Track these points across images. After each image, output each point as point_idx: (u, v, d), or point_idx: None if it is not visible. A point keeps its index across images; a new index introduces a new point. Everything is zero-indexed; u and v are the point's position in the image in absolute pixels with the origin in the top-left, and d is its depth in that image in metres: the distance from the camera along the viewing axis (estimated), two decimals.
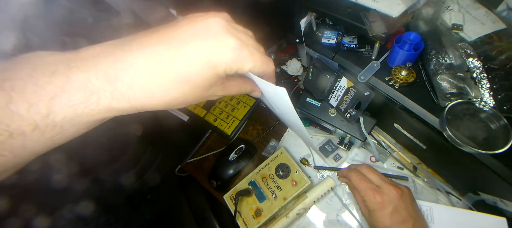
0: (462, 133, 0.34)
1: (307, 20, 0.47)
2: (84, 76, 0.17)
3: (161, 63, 0.19)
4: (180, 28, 0.20)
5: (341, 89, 0.44)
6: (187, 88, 0.20)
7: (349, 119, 0.45)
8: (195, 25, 0.20)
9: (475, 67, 0.37)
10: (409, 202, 0.37)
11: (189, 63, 0.19)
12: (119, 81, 0.18)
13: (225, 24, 0.21)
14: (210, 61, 0.19)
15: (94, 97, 0.17)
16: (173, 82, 0.19)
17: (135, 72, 0.18)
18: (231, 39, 0.20)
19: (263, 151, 0.59)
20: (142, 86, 0.18)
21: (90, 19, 0.78)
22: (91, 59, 0.18)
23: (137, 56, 0.18)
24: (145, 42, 0.19)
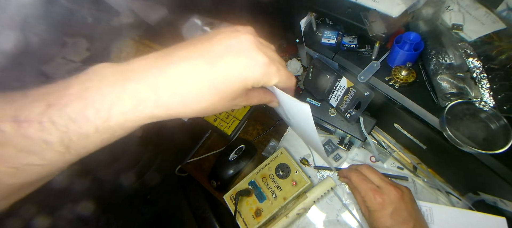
0: (462, 133, 0.34)
1: (307, 20, 0.47)
2: (135, 86, 0.20)
3: (198, 76, 0.21)
4: (215, 43, 0.22)
5: (341, 89, 0.44)
6: (217, 99, 0.22)
7: (349, 119, 0.45)
8: (229, 41, 0.22)
9: (475, 67, 0.37)
10: (409, 202, 0.37)
11: (223, 77, 0.21)
12: (161, 91, 0.20)
13: (255, 41, 0.23)
14: (241, 75, 0.22)
15: (141, 106, 0.20)
16: (207, 93, 0.21)
17: (175, 83, 0.20)
18: (261, 56, 0.22)
19: (263, 151, 0.59)
20: (180, 96, 0.21)
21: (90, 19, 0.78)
22: (140, 71, 0.20)
23: (177, 69, 0.20)
24: (185, 56, 0.21)
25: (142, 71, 0.20)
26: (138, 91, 0.20)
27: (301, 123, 0.31)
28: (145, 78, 0.20)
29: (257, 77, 0.22)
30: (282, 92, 0.25)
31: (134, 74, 0.20)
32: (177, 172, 0.63)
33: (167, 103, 0.20)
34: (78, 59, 0.74)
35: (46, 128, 0.17)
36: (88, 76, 0.20)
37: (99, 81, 0.19)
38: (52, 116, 0.18)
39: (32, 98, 0.18)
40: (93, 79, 0.19)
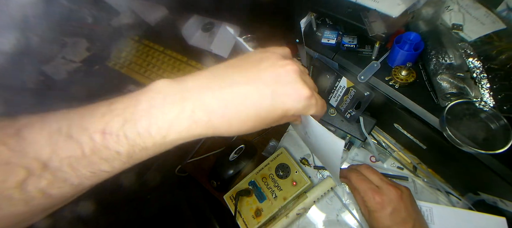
0: (462, 133, 0.34)
1: (307, 20, 0.47)
2: (192, 107, 0.21)
3: (247, 102, 0.22)
4: (264, 71, 0.23)
5: (341, 89, 0.44)
6: (258, 123, 0.23)
7: (349, 119, 0.45)
8: (277, 71, 0.23)
9: (475, 67, 0.37)
10: (409, 202, 0.37)
11: (268, 105, 0.23)
12: (213, 114, 0.21)
13: (300, 73, 0.24)
14: (285, 105, 0.23)
15: (194, 126, 0.21)
16: (251, 118, 0.23)
17: (225, 107, 0.22)
18: (305, 89, 0.23)
19: (263, 151, 0.59)
20: (227, 118, 0.22)
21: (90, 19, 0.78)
22: (196, 91, 0.22)
23: (229, 94, 0.22)
24: (236, 81, 0.23)
25: (197, 92, 0.22)
26: (194, 112, 0.21)
27: (328, 152, 0.32)
28: (200, 99, 0.21)
29: (299, 109, 0.24)
30: (317, 122, 0.27)
31: (191, 94, 0.21)
32: (177, 172, 0.63)
33: (215, 125, 0.22)
34: (78, 59, 0.74)
35: (121, 140, 0.20)
36: (153, 94, 0.21)
37: (163, 100, 0.21)
38: (126, 131, 0.20)
39: (114, 113, 0.20)
40: (157, 97, 0.21)
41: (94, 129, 0.19)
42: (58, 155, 0.19)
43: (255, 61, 0.24)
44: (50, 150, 0.19)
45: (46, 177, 0.19)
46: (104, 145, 0.20)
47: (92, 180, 0.21)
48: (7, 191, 0.18)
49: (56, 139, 0.19)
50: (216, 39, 0.66)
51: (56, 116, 0.20)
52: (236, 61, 0.25)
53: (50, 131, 0.19)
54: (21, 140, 0.19)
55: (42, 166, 0.18)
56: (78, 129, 0.19)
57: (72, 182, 0.20)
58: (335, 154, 0.29)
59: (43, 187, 0.19)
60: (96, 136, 0.19)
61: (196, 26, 0.71)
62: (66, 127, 0.19)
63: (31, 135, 0.19)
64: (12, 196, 0.18)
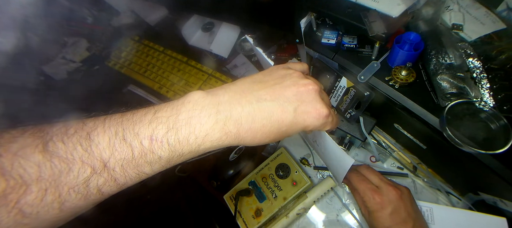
0: (462, 133, 0.34)
1: (307, 20, 0.47)
2: (224, 120, 0.23)
3: (271, 117, 0.24)
4: (287, 89, 0.25)
5: (341, 89, 0.44)
6: (279, 136, 0.25)
7: (349, 119, 0.45)
8: (300, 89, 0.25)
9: (475, 67, 0.37)
10: (408, 202, 0.37)
11: (290, 120, 0.25)
12: (241, 127, 0.24)
13: (320, 92, 0.26)
14: (305, 122, 0.25)
15: (225, 137, 0.23)
16: (274, 131, 0.25)
17: (252, 121, 0.24)
18: (324, 109, 0.25)
19: (263, 151, 0.59)
20: (253, 131, 0.24)
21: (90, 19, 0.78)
22: (228, 105, 0.24)
23: (256, 109, 0.24)
24: (262, 97, 0.25)
25: (229, 105, 0.24)
26: (226, 124, 0.23)
27: (336, 165, 0.35)
28: (231, 113, 0.23)
29: (317, 126, 0.26)
30: (329, 138, 0.29)
31: (224, 108, 0.23)
32: (177, 172, 0.63)
33: (241, 136, 0.24)
34: (78, 59, 0.74)
35: (164, 146, 0.22)
36: (192, 106, 0.23)
37: (200, 111, 0.23)
38: (169, 138, 0.22)
39: (159, 120, 0.22)
40: (196, 108, 0.23)
41: (144, 135, 0.21)
42: (115, 156, 0.21)
43: (278, 78, 0.27)
44: (109, 152, 0.21)
45: (104, 175, 0.21)
46: (150, 150, 0.22)
47: (134, 181, 0.23)
48: (77, 186, 0.20)
49: (114, 142, 0.21)
50: (216, 39, 0.66)
51: (114, 120, 0.22)
52: (261, 77, 0.27)
53: (110, 134, 0.21)
54: (90, 141, 0.21)
55: (103, 165, 0.21)
56: (131, 134, 0.21)
57: (119, 181, 0.22)
58: (343, 168, 0.32)
59: (100, 184, 0.21)
60: (145, 141, 0.21)
61: (196, 26, 0.71)
62: (121, 131, 0.21)
63: (97, 138, 0.21)
64: (79, 190, 0.20)
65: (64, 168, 0.20)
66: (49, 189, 0.19)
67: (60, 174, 0.19)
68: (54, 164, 0.19)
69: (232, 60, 0.67)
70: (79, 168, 0.20)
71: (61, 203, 0.20)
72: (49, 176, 0.19)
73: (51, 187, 0.19)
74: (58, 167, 0.19)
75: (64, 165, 0.20)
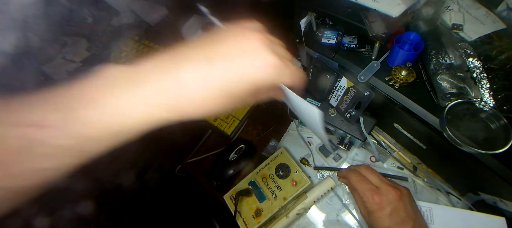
0: (462, 133, 0.34)
1: (307, 20, 0.47)
2: (145, 92, 0.19)
3: (207, 79, 0.20)
4: (226, 44, 0.21)
5: (341, 89, 0.44)
6: (229, 101, 0.21)
7: (349, 119, 0.45)
8: (241, 42, 0.21)
9: (475, 67, 0.37)
10: (408, 202, 0.37)
11: (233, 79, 0.21)
12: (170, 95, 0.20)
13: (267, 41, 0.22)
14: (251, 77, 0.21)
15: (152, 110, 0.20)
16: (217, 96, 0.21)
17: (183, 87, 0.20)
18: (273, 57, 0.21)
19: (263, 151, 0.59)
20: (188, 99, 0.20)
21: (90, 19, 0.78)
22: (149, 75, 0.20)
23: (185, 73, 0.20)
24: (192, 58, 0.21)
25: (150, 75, 0.20)
26: (149, 96, 0.19)
27: (310, 122, 0.31)
28: (154, 82, 0.20)
29: (268, 79, 0.22)
30: (292, 93, 0.25)
31: (144, 78, 0.20)
32: (177, 172, 0.63)
33: (177, 107, 0.20)
34: (78, 59, 0.74)
35: (64, 133, 0.18)
36: (102, 81, 0.19)
37: (112, 87, 0.19)
38: (70, 122, 0.18)
39: (50, 102, 0.18)
40: (106, 85, 0.19)
41: (25, 122, 0.17)
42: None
43: (215, 37, 0.22)
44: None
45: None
46: (41, 140, 0.17)
47: (35, 181, 0.18)
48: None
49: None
50: None
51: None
52: (199, 40, 0.23)
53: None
54: None
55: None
56: (1, 123, 0.17)
57: (3, 184, 0.17)
58: (315, 122, 0.28)
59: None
60: (28, 129, 0.17)
61: (196, 26, 0.71)
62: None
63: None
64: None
65: None
66: None
67: None
68: None
69: None
70: None
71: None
72: None
73: None
74: None
75: None
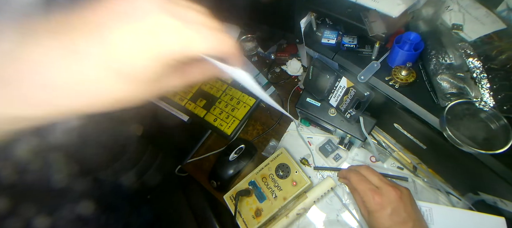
0: (462, 133, 0.34)
1: (307, 20, 0.47)
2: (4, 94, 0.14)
3: (84, 60, 0.15)
4: (100, 11, 0.16)
5: (341, 89, 0.44)
6: (129, 85, 0.16)
7: (349, 119, 0.45)
8: (119, 7, 0.16)
9: (475, 67, 0.37)
10: (408, 203, 0.37)
11: (121, 55, 0.16)
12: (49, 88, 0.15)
13: (166, 2, 0.17)
14: (147, 49, 0.16)
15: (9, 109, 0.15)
16: (108, 80, 0.16)
17: (56, 76, 0.15)
18: (167, 18, 0.16)
19: (263, 151, 0.59)
20: (65, 89, 0.15)
21: None
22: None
23: (53, 57, 0.15)
24: (59, 37, 0.15)
25: None
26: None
27: (248, 86, 0.25)
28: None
29: (170, 47, 0.16)
30: (217, 63, 0.19)
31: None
32: (177, 172, 0.63)
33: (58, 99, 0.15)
34: None
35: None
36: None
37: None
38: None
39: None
40: None
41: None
42: None
43: (91, 4, 0.16)
44: None
45: None
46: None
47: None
48: None
49: None
50: None
51: None
52: (62, 17, 0.17)
53: None
54: None
55: None
56: None
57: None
58: (249, 83, 0.23)
59: None
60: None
61: None
62: None
63: None
64: None
65: None
66: None
67: None
68: None
69: None
70: None
71: None
72: None
73: None
74: None
75: None
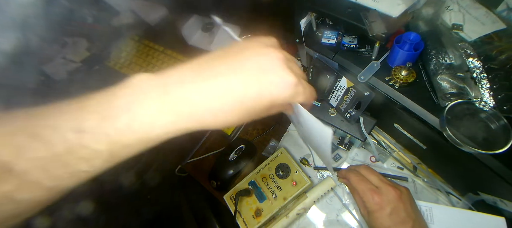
0: (462, 133, 0.34)
1: (307, 20, 0.47)
2: (174, 101, 0.20)
3: (229, 93, 0.21)
4: (246, 60, 0.23)
5: (341, 89, 0.44)
6: (245, 114, 0.23)
7: (349, 119, 0.45)
8: (261, 59, 0.23)
9: (475, 67, 0.37)
10: (408, 202, 0.37)
11: (253, 94, 0.22)
12: (196, 106, 0.21)
13: (284, 58, 0.24)
14: (270, 94, 0.22)
15: (178, 119, 0.21)
16: (237, 109, 0.22)
17: (209, 99, 0.21)
18: (290, 76, 0.23)
19: (263, 151, 0.59)
20: (212, 110, 0.21)
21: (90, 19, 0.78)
22: (178, 85, 0.21)
23: (211, 85, 0.21)
24: (218, 72, 0.22)
25: (179, 85, 0.21)
26: (177, 105, 0.21)
27: (317, 140, 0.32)
28: (182, 93, 0.21)
29: (285, 97, 0.23)
30: (305, 111, 0.26)
31: (172, 88, 0.21)
32: (177, 172, 0.63)
33: (200, 118, 0.21)
34: (78, 59, 0.74)
35: (100, 138, 0.19)
36: (132, 90, 0.21)
37: (143, 95, 0.20)
38: (105, 128, 0.19)
39: (88, 109, 0.19)
40: (136, 92, 0.20)
41: (66, 127, 0.18)
42: (23, 156, 0.18)
43: (238, 50, 0.24)
44: (13, 151, 0.18)
45: (10, 180, 0.18)
46: (80, 144, 0.19)
47: (70, 181, 0.20)
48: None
49: (19, 139, 0.18)
50: (216, 39, 0.66)
51: (18, 114, 0.19)
52: (220, 52, 0.24)
53: (12, 130, 0.18)
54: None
55: (6, 170, 0.17)
56: (46, 128, 0.18)
57: (44, 184, 0.19)
58: (325, 142, 0.29)
59: (7, 191, 0.18)
60: (69, 134, 0.18)
61: (196, 26, 0.71)
62: (31, 126, 0.18)
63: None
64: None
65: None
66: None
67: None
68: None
69: None
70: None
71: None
72: None
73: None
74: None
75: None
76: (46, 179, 0.18)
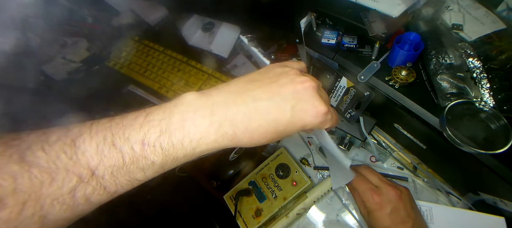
0: (462, 133, 0.34)
1: (307, 20, 0.47)
2: (219, 121, 0.22)
3: (267, 117, 0.24)
4: (284, 87, 0.25)
5: (341, 89, 0.44)
6: (277, 136, 0.25)
7: (349, 119, 0.45)
8: (297, 87, 0.25)
9: (475, 67, 0.37)
10: (408, 202, 0.37)
11: (287, 119, 0.24)
12: (237, 128, 0.23)
13: (318, 89, 0.26)
14: (303, 121, 0.24)
15: (221, 139, 0.23)
16: (271, 131, 0.24)
17: (248, 121, 0.23)
18: (323, 106, 0.25)
19: (263, 151, 0.59)
20: (250, 132, 0.23)
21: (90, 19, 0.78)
22: (223, 106, 0.23)
23: (252, 109, 0.23)
24: (257, 96, 0.24)
25: (224, 106, 0.23)
26: (221, 126, 0.22)
27: (335, 164, 0.35)
28: (227, 114, 0.23)
29: (316, 124, 0.25)
30: (329, 137, 0.29)
31: (218, 109, 0.23)
32: (177, 172, 0.63)
33: (238, 138, 0.23)
34: (78, 59, 0.74)
35: (157, 151, 0.21)
36: (185, 107, 0.23)
37: (194, 113, 0.22)
38: (162, 142, 0.21)
39: (151, 124, 0.21)
40: (189, 110, 0.22)
41: (135, 139, 0.21)
42: (104, 163, 0.20)
43: (274, 76, 0.26)
44: (98, 159, 0.20)
45: (92, 184, 0.20)
46: (143, 155, 0.21)
47: (126, 188, 0.22)
48: (62, 196, 0.19)
49: (102, 148, 0.20)
50: (216, 39, 0.66)
51: (102, 125, 0.21)
52: (256, 76, 0.26)
53: (97, 140, 0.20)
54: (75, 148, 0.20)
55: (91, 173, 0.20)
56: (121, 139, 0.20)
57: (110, 189, 0.21)
58: (341, 170, 0.32)
59: (88, 193, 0.20)
60: (136, 146, 0.21)
61: (196, 26, 0.71)
62: (110, 136, 0.20)
63: (84, 144, 0.20)
64: (64, 201, 0.19)
65: (46, 178, 0.18)
66: (28, 202, 0.18)
67: (41, 185, 0.18)
68: (33, 174, 0.18)
69: (232, 60, 0.67)
70: (64, 178, 0.19)
71: (43, 216, 0.18)
72: (27, 188, 0.18)
73: (30, 199, 0.18)
74: (38, 178, 0.18)
75: (46, 175, 0.18)
76: (113, 185, 0.21)
